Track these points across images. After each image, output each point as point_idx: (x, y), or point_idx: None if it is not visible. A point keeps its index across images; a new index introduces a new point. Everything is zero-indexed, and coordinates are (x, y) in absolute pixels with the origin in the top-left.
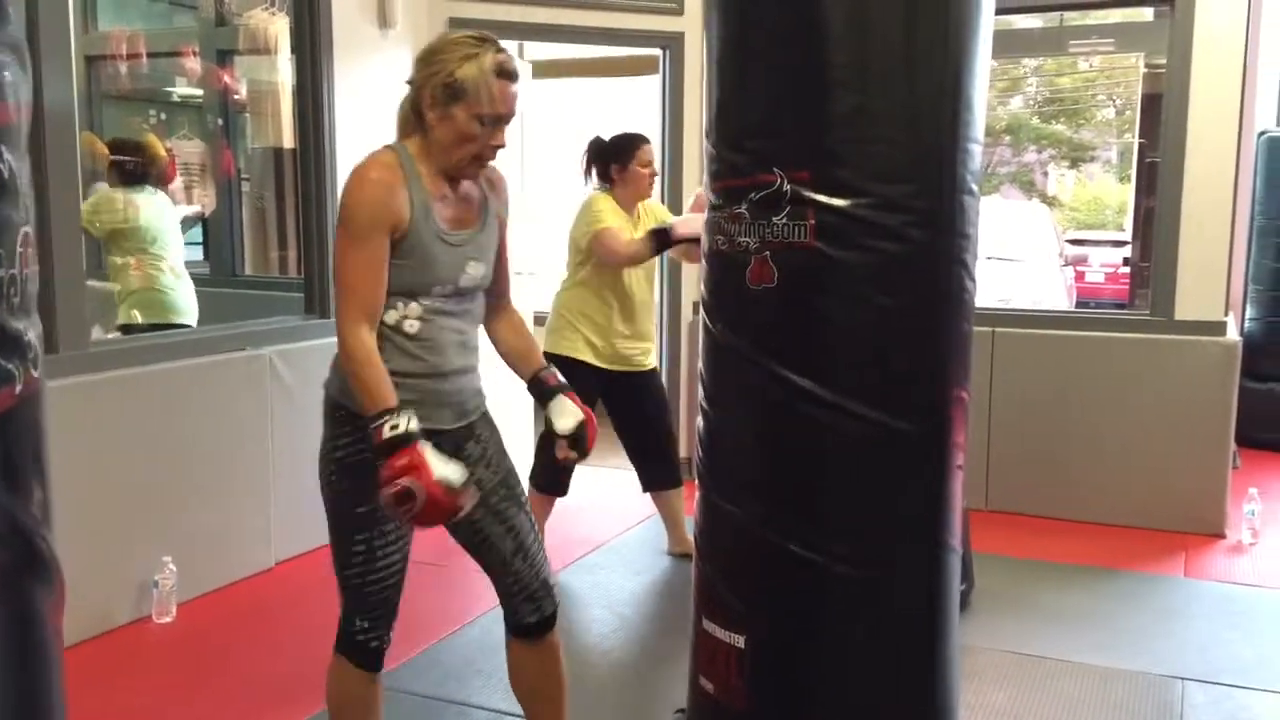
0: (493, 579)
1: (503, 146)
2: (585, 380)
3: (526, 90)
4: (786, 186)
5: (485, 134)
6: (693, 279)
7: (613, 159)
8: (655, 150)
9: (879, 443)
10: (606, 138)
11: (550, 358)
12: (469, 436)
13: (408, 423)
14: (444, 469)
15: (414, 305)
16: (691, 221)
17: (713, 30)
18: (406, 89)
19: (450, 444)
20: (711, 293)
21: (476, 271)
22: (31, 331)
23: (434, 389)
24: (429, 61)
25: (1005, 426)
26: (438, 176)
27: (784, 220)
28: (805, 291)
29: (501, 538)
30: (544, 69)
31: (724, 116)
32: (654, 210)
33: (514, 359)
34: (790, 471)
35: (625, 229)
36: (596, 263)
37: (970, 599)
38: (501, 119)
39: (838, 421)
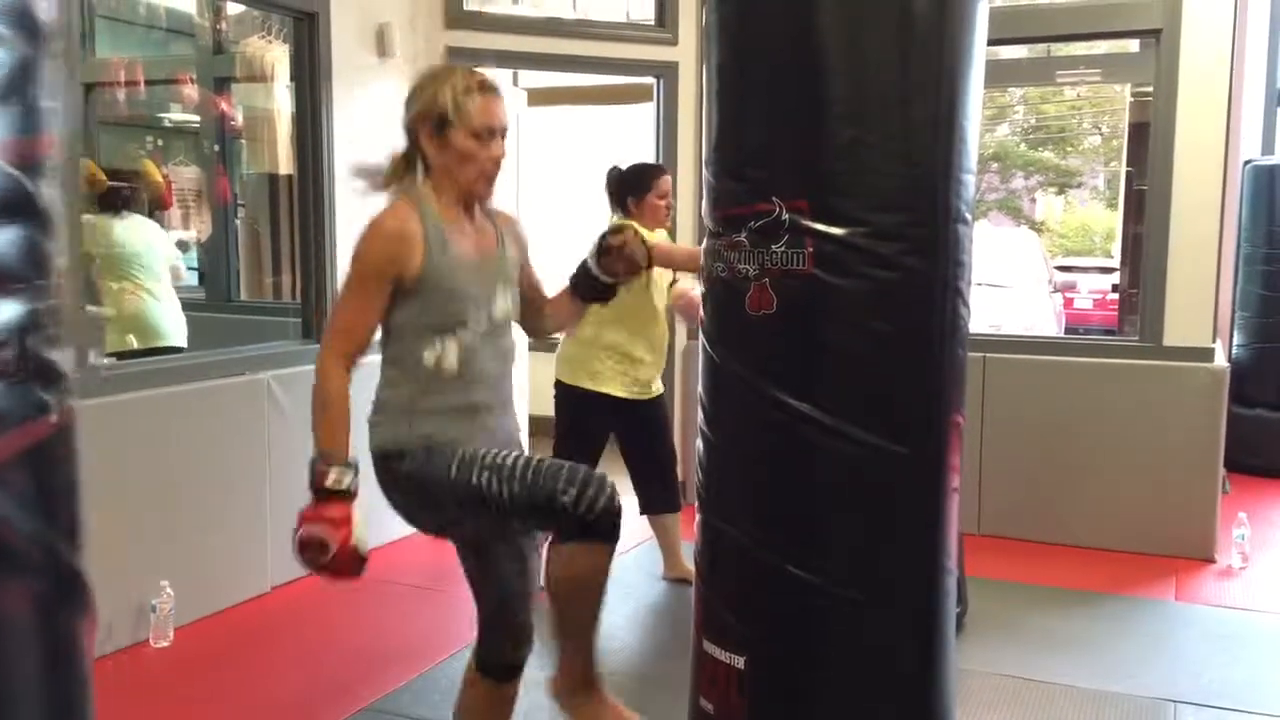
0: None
1: (503, 156)
2: (604, 413)
3: (522, 118)
4: (785, 215)
5: (483, 149)
6: None
7: (630, 191)
8: None
9: (876, 466)
10: (624, 167)
11: (570, 390)
12: None
13: (350, 480)
14: (362, 532)
15: (451, 343)
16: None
17: (711, 62)
18: (403, 136)
19: None
20: (711, 318)
21: (505, 301)
22: (65, 362)
23: (477, 424)
24: (411, 102)
25: (997, 451)
26: (452, 208)
27: (783, 248)
28: (804, 317)
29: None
30: (539, 96)
31: (723, 146)
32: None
33: (560, 306)
34: (789, 494)
35: None
36: None
37: (964, 622)
38: (494, 131)
39: (836, 445)
